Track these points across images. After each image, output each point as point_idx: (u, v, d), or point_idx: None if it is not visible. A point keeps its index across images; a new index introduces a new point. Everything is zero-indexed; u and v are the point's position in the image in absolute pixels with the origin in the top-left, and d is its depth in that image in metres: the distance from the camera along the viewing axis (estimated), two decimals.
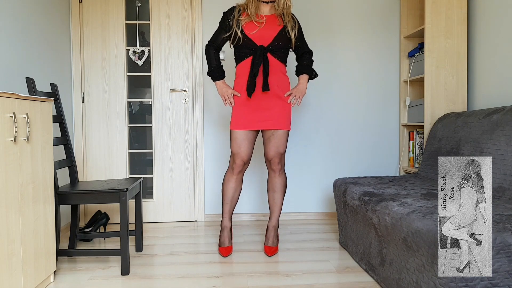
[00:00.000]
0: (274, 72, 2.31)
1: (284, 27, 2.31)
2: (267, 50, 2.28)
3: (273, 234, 2.46)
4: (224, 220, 2.45)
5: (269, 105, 2.30)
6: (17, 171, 1.64)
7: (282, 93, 2.34)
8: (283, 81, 2.36)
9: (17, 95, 1.63)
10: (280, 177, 2.43)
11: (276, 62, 2.31)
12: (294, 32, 2.34)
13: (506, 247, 1.29)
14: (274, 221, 2.47)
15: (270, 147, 2.35)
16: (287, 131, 2.36)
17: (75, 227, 2.39)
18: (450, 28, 2.79)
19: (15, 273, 1.62)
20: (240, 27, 2.27)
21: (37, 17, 2.57)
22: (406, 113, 3.27)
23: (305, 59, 2.44)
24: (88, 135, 3.20)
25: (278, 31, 2.29)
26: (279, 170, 2.41)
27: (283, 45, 2.31)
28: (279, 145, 2.34)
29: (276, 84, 2.31)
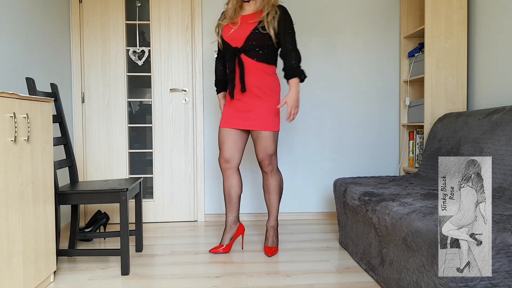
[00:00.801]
0: (253, 73, 2.26)
1: (260, 23, 2.21)
2: (240, 51, 2.24)
3: (273, 234, 2.45)
4: (226, 218, 2.47)
5: (250, 107, 2.28)
6: (17, 171, 1.64)
7: (263, 94, 2.27)
8: (265, 81, 2.27)
9: (17, 95, 1.63)
10: (272, 178, 2.39)
11: (253, 63, 2.25)
12: (273, 27, 2.20)
13: (506, 247, 1.29)
14: (272, 222, 2.46)
15: (258, 149, 2.32)
16: (273, 132, 2.29)
17: (75, 227, 2.39)
18: (450, 28, 2.79)
19: (15, 273, 1.62)
20: (219, 32, 2.32)
21: (37, 17, 2.57)
22: (406, 113, 3.27)
23: (292, 58, 2.25)
24: (88, 135, 3.20)
25: (251, 30, 2.21)
26: (271, 171, 2.37)
27: (258, 44, 2.22)
28: (266, 147, 2.29)
29: (255, 85, 2.26)
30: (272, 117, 2.29)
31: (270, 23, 2.20)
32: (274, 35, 2.21)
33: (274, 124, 2.30)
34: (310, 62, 3.27)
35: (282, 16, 2.23)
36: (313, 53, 3.27)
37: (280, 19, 2.22)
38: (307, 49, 3.26)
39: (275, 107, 2.30)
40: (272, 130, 2.29)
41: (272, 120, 2.28)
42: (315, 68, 3.28)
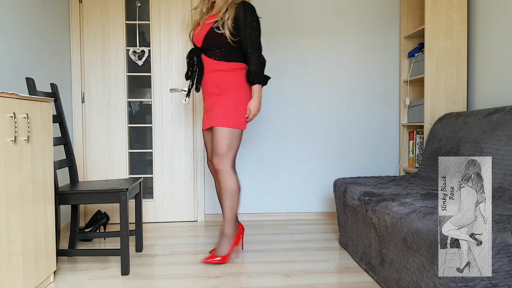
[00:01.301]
0: (213, 72, 2.24)
1: (216, 23, 2.19)
2: (200, 51, 2.26)
3: (221, 241, 2.28)
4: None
5: (212, 105, 2.27)
6: (17, 171, 1.64)
7: (222, 92, 2.22)
8: (225, 79, 2.22)
9: (17, 95, 1.63)
10: (222, 179, 2.23)
11: (212, 62, 2.23)
12: (228, 26, 2.16)
13: (506, 247, 1.29)
14: (223, 227, 2.29)
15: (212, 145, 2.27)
16: (226, 129, 2.19)
17: (75, 227, 2.39)
18: (450, 28, 2.79)
19: (15, 273, 1.62)
20: (190, 33, 2.38)
21: (37, 17, 2.57)
22: (406, 113, 3.27)
23: (252, 62, 2.18)
24: (88, 135, 3.20)
25: (207, 30, 2.21)
26: (220, 171, 2.22)
27: (215, 43, 2.19)
28: (215, 144, 2.21)
29: (215, 84, 2.24)
30: (226, 113, 2.20)
31: (226, 23, 2.15)
32: (230, 34, 2.16)
33: (228, 120, 2.19)
34: (310, 62, 3.27)
35: (241, 14, 2.16)
36: (313, 53, 3.27)
37: (238, 17, 2.16)
38: (307, 49, 3.26)
39: (233, 104, 2.21)
40: (223, 126, 2.19)
41: (225, 116, 2.20)
42: (315, 68, 3.28)
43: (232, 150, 2.23)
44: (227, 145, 2.20)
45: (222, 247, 2.27)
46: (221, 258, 2.25)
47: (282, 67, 3.26)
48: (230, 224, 2.28)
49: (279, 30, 3.24)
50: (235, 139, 2.23)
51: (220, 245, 2.28)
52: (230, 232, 2.28)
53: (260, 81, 2.20)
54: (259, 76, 2.20)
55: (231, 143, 2.21)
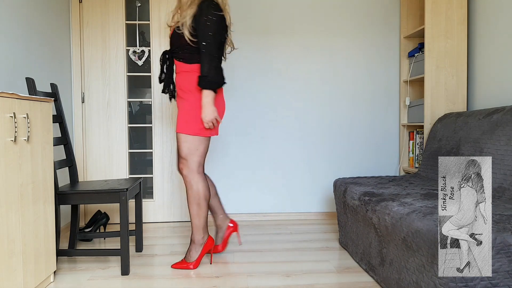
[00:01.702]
0: (177, 73, 2.19)
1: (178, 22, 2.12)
2: (170, 53, 2.22)
3: (190, 247, 2.23)
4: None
5: (178, 108, 2.23)
6: (17, 171, 1.64)
7: (184, 95, 2.15)
8: (187, 81, 2.13)
9: (17, 95, 1.63)
10: (186, 185, 2.17)
11: (177, 63, 2.18)
12: (187, 25, 2.06)
13: (506, 247, 1.29)
14: (192, 234, 2.23)
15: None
16: (184, 135, 2.12)
17: (75, 227, 2.39)
18: (450, 28, 2.79)
19: (15, 273, 1.62)
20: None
21: (37, 17, 2.57)
22: (406, 113, 3.27)
23: (203, 65, 2.04)
24: (88, 135, 3.20)
25: (172, 30, 2.17)
26: (183, 176, 2.17)
27: (178, 45, 2.13)
28: (178, 148, 2.17)
29: (179, 87, 2.18)
30: (188, 119, 2.12)
31: (185, 23, 2.06)
32: (189, 34, 2.05)
33: (186, 127, 2.12)
34: (310, 62, 3.27)
35: (199, 13, 2.04)
36: (313, 52, 3.27)
37: (196, 16, 2.05)
38: (307, 49, 3.26)
39: (193, 108, 2.12)
40: (181, 132, 2.13)
41: (185, 122, 2.13)
42: (315, 68, 3.28)
43: (194, 155, 2.13)
44: (187, 148, 2.13)
45: (191, 253, 2.21)
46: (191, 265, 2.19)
47: (282, 67, 3.26)
48: (199, 231, 2.19)
49: (279, 30, 3.24)
50: (196, 144, 2.13)
51: (188, 251, 2.22)
52: (198, 239, 2.20)
53: (206, 86, 2.04)
54: (206, 81, 2.03)
55: (191, 147, 2.13)
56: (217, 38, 2.06)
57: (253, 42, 3.23)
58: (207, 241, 2.24)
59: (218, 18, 2.05)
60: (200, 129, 2.12)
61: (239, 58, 3.23)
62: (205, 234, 2.22)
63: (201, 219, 2.19)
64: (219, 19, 2.06)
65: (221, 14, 2.07)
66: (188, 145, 2.13)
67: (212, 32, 2.03)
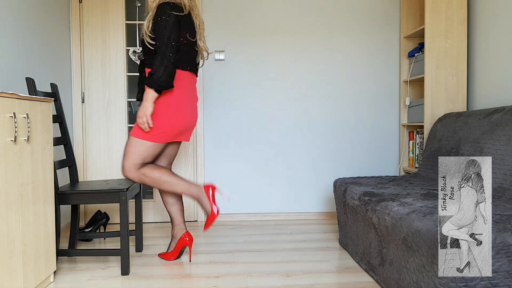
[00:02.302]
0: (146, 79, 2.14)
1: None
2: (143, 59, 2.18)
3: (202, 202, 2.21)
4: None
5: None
6: (17, 171, 1.64)
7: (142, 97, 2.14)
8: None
9: (17, 95, 1.63)
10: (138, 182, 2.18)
11: (147, 70, 2.14)
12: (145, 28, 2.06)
13: (506, 247, 1.29)
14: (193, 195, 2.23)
15: None
16: (131, 137, 2.12)
17: (75, 227, 2.39)
18: (450, 28, 2.79)
19: (15, 273, 1.62)
20: None
21: (37, 17, 2.57)
22: (406, 113, 3.27)
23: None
24: (88, 135, 3.20)
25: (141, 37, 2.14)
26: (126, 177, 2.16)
27: (144, 51, 2.12)
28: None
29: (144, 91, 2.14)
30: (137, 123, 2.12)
31: (145, 27, 2.06)
32: (148, 38, 2.06)
33: (135, 130, 2.12)
34: (309, 61, 3.27)
35: (154, 16, 2.04)
36: (313, 52, 3.27)
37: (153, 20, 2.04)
38: (307, 49, 3.26)
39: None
40: (130, 135, 2.14)
41: (136, 126, 2.12)
42: (315, 68, 3.28)
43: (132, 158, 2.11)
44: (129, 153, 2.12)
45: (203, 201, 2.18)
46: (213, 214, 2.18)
47: (283, 67, 3.26)
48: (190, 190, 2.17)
49: (279, 31, 3.24)
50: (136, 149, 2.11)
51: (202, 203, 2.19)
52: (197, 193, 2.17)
53: (149, 84, 2.01)
54: (150, 79, 2.00)
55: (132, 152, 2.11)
56: (172, 38, 2.01)
57: (253, 43, 3.23)
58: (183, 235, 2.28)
59: (173, 18, 2.01)
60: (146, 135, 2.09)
61: (239, 59, 3.23)
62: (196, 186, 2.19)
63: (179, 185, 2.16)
64: (174, 19, 2.01)
65: (176, 15, 2.02)
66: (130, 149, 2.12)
67: (165, 32, 1.99)
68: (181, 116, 2.13)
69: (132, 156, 2.13)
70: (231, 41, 3.23)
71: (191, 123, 2.21)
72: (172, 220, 2.33)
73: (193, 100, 2.23)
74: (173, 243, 2.34)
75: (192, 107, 2.20)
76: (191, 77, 2.20)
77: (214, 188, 2.23)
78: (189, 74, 2.18)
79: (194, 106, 2.23)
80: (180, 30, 2.06)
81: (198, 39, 2.19)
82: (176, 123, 2.12)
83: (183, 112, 2.14)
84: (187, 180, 2.21)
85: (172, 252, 2.33)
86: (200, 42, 2.21)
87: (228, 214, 3.28)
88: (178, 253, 2.32)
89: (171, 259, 2.33)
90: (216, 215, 2.17)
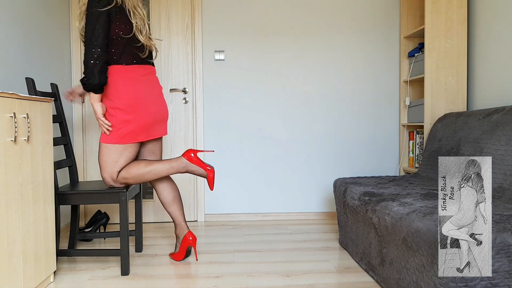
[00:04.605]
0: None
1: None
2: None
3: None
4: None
5: None
6: (17, 171, 1.64)
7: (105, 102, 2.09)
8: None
9: (17, 95, 1.63)
10: (128, 183, 2.18)
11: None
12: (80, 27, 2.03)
13: (506, 247, 1.29)
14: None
15: None
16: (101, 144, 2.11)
17: (75, 227, 2.39)
18: (450, 28, 2.79)
19: (15, 273, 1.62)
20: None
21: (37, 17, 2.57)
22: (406, 113, 3.27)
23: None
24: (88, 135, 3.20)
25: None
26: (114, 184, 2.17)
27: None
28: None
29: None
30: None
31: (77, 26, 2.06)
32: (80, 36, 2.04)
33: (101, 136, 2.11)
34: (309, 61, 3.27)
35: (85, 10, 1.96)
36: (313, 52, 3.27)
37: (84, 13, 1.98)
38: (307, 49, 3.26)
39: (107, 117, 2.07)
40: (100, 141, 2.12)
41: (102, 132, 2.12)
42: (315, 67, 3.28)
43: (109, 168, 2.10)
44: (101, 159, 2.11)
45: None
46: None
47: (282, 67, 3.26)
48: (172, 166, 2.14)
49: (278, 31, 3.24)
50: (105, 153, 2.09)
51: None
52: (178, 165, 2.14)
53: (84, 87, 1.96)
54: (82, 81, 1.96)
55: (103, 157, 2.10)
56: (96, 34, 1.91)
57: (253, 43, 3.23)
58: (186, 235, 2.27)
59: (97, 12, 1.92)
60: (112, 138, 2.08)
61: (239, 59, 3.23)
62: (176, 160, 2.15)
63: (160, 168, 2.13)
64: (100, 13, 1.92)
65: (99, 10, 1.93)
66: (101, 154, 2.11)
67: (90, 26, 1.91)
68: (141, 112, 2.08)
69: (107, 166, 2.11)
70: (231, 41, 3.23)
71: (157, 117, 2.15)
72: (173, 220, 2.33)
73: (153, 92, 2.14)
74: (178, 243, 2.34)
75: (153, 99, 2.12)
76: (143, 69, 2.12)
77: (193, 151, 2.16)
78: (138, 67, 2.10)
79: (156, 98, 2.15)
80: (112, 23, 1.97)
81: (137, 33, 2.07)
82: (137, 120, 2.07)
83: (142, 107, 2.07)
84: (166, 160, 2.16)
85: (179, 252, 2.32)
86: (140, 35, 2.08)
87: (228, 214, 3.28)
88: (184, 253, 2.31)
89: (179, 259, 2.32)
90: (212, 169, 2.12)
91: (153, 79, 2.18)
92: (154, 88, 2.16)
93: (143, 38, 2.10)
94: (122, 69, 2.06)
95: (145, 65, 2.14)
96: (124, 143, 2.08)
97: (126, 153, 2.11)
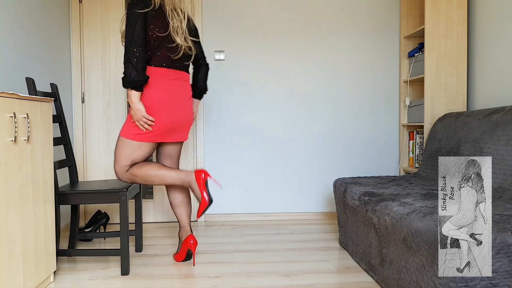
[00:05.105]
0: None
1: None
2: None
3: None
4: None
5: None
6: (17, 171, 1.64)
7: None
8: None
9: (17, 95, 1.63)
10: (136, 181, 2.20)
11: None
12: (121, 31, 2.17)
13: (506, 247, 1.29)
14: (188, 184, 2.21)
15: None
16: (119, 137, 2.16)
17: (75, 227, 2.39)
18: (450, 28, 2.79)
19: (15, 273, 1.62)
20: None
21: (37, 17, 2.57)
22: (406, 113, 3.27)
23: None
24: (88, 135, 3.20)
25: None
26: (121, 179, 2.21)
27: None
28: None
29: None
30: (125, 122, 2.19)
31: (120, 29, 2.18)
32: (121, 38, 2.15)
33: (122, 129, 2.16)
34: (310, 61, 3.27)
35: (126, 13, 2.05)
36: (313, 52, 3.27)
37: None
38: (307, 49, 3.26)
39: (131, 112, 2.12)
40: (119, 134, 2.17)
41: (124, 125, 2.17)
42: (315, 67, 3.28)
43: (121, 161, 2.13)
44: (116, 151, 2.15)
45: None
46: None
47: (282, 67, 3.26)
48: (180, 177, 2.13)
49: (278, 31, 3.24)
50: (121, 146, 2.13)
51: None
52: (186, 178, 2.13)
53: (123, 85, 2.02)
54: (123, 80, 2.01)
55: (119, 150, 2.14)
56: (136, 34, 1.97)
57: (253, 43, 3.23)
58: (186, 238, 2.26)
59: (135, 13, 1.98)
60: (129, 133, 2.11)
61: (239, 59, 3.23)
62: (185, 173, 2.13)
63: (167, 176, 2.13)
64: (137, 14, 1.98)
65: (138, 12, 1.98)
66: (117, 146, 2.15)
67: (129, 29, 1.98)
68: (161, 116, 2.10)
69: (120, 158, 2.14)
70: (231, 41, 3.23)
71: (178, 122, 2.16)
72: (178, 221, 2.34)
73: (178, 97, 2.15)
74: (180, 245, 2.35)
75: (176, 104, 2.13)
76: (172, 73, 2.13)
77: (206, 174, 2.15)
78: (167, 71, 2.11)
79: (180, 103, 2.16)
80: (147, 25, 2.02)
81: (173, 33, 2.08)
82: (155, 122, 2.09)
83: (162, 111, 2.09)
84: (177, 170, 2.17)
85: (179, 253, 2.32)
86: (177, 37, 2.10)
87: (228, 214, 3.28)
88: (184, 255, 2.31)
89: (179, 260, 2.33)
90: (207, 203, 2.11)
91: (181, 84, 2.18)
92: (179, 94, 2.16)
93: (180, 39, 2.11)
94: (151, 70, 2.08)
95: (176, 70, 2.16)
96: (140, 141, 2.12)
97: (139, 151, 2.14)
